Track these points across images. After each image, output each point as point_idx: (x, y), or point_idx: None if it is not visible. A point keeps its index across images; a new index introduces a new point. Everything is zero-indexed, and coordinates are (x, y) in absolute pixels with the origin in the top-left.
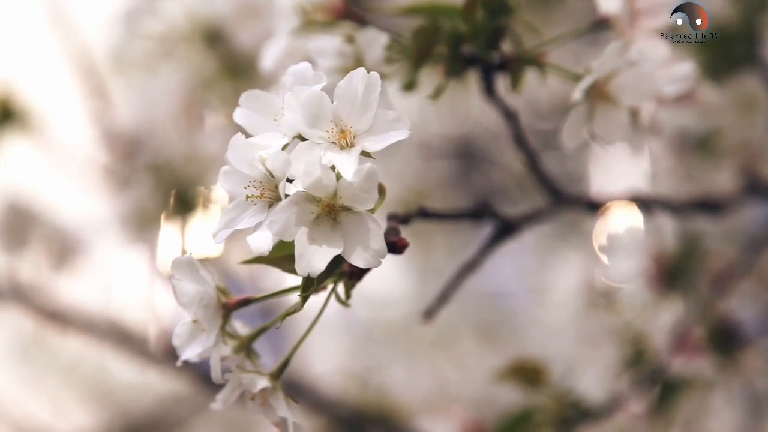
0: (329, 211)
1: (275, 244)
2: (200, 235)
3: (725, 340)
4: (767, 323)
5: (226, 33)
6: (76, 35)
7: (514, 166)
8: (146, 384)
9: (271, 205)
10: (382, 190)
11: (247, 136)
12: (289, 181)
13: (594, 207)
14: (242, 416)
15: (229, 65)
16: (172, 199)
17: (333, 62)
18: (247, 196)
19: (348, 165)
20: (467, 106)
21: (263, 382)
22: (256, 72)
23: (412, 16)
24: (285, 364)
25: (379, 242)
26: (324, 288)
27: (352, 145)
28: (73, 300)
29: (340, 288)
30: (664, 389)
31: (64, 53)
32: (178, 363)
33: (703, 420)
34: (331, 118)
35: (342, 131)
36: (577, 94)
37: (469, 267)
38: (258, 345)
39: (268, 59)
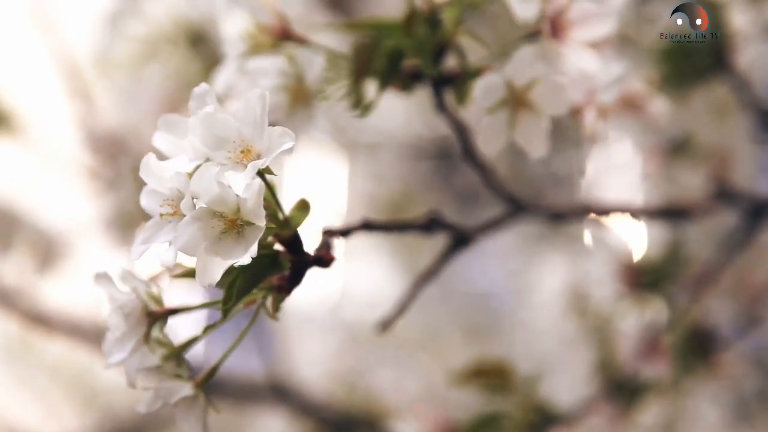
0: (232, 226)
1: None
2: None
3: (701, 344)
4: (742, 327)
5: (210, 35)
6: (59, 37)
7: (499, 166)
8: None
9: None
10: (306, 207)
11: (164, 159)
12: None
13: (555, 217)
14: (228, 421)
15: (213, 67)
16: None
17: (274, 81)
18: (161, 215)
19: (239, 181)
20: (452, 108)
21: (185, 391)
22: None
23: (355, 33)
24: (212, 372)
25: (254, 245)
26: (254, 302)
27: None
28: (59, 302)
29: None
30: (630, 393)
31: (47, 55)
32: (105, 367)
33: (684, 425)
34: (234, 139)
35: (243, 151)
36: (478, 92)
37: (426, 277)
38: (245, 349)
39: (219, 83)
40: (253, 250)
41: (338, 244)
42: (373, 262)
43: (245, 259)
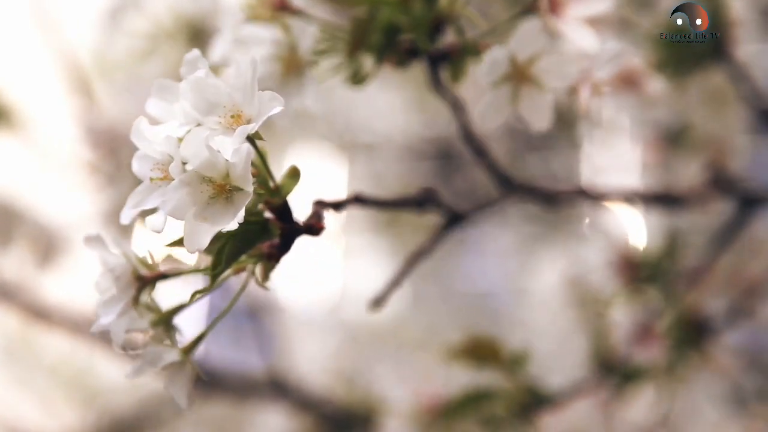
0: (221, 191)
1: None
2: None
3: (694, 333)
4: (735, 319)
5: (209, 30)
6: (60, 32)
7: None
8: (132, 384)
9: None
10: (297, 174)
11: (157, 124)
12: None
13: (549, 199)
14: (227, 416)
15: (212, 62)
16: None
17: (267, 50)
18: (151, 179)
19: (228, 146)
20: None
21: (172, 356)
22: None
23: (352, 6)
24: (199, 339)
25: (241, 210)
26: (243, 269)
27: None
28: (59, 298)
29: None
30: (622, 377)
31: (48, 50)
32: (93, 329)
33: (680, 417)
34: (225, 104)
35: (234, 116)
36: (485, 67)
37: (420, 255)
38: (244, 344)
39: (215, 52)
40: (240, 215)
41: (338, 245)
42: (373, 262)
43: (232, 225)
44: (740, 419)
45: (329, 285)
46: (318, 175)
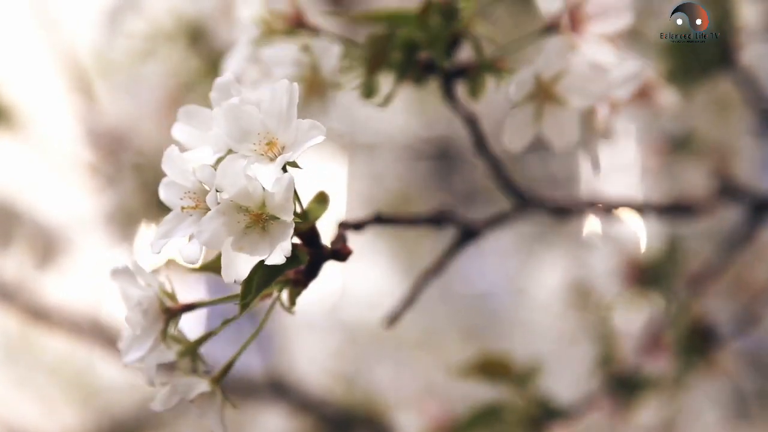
0: (257, 221)
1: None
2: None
3: (701, 341)
4: (741, 325)
5: (209, 32)
6: (60, 33)
7: None
8: (132, 385)
9: None
10: (325, 199)
11: (184, 150)
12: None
13: (560, 211)
14: (227, 417)
15: (212, 64)
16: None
17: (289, 71)
18: (182, 207)
19: (268, 176)
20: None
21: (202, 387)
22: None
23: (369, 23)
24: (227, 368)
25: (287, 242)
26: (269, 295)
27: None
28: (58, 298)
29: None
30: (631, 388)
31: (48, 51)
32: (123, 365)
33: (682, 422)
34: (259, 131)
35: (269, 143)
36: (513, 87)
37: (433, 271)
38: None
39: (229, 68)
40: (287, 248)
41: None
42: (372, 263)
43: (277, 258)
44: (746, 426)
45: (329, 285)
46: (317, 175)
